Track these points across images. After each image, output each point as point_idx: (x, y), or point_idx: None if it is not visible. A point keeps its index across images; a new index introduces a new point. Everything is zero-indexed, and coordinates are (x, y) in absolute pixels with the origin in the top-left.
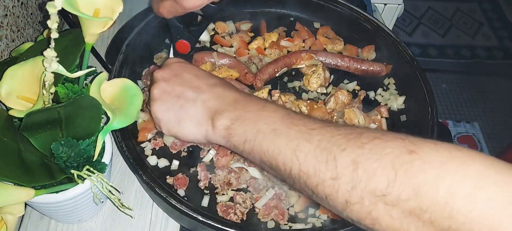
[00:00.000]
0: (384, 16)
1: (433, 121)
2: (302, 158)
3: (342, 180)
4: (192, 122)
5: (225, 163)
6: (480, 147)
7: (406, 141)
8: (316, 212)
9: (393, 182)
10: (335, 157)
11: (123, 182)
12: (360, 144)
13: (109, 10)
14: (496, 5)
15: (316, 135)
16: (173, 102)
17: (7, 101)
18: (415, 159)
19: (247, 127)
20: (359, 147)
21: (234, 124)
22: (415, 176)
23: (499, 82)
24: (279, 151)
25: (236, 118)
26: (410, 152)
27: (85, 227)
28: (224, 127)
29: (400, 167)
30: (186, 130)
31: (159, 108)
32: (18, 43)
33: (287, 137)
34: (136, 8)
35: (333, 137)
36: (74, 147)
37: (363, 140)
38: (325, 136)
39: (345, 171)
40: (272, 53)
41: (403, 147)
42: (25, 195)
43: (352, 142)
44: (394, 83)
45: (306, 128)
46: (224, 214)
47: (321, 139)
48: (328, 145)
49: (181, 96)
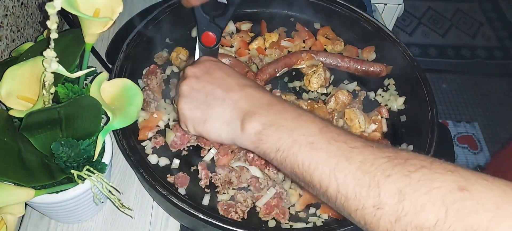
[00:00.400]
0: (384, 16)
1: (433, 121)
2: (341, 178)
3: (385, 210)
4: (219, 121)
5: (226, 161)
6: (480, 147)
7: (456, 174)
8: (317, 211)
9: (443, 220)
10: (378, 183)
11: (123, 182)
12: (407, 172)
13: (109, 10)
14: (496, 5)
15: (357, 155)
16: (202, 100)
17: (7, 101)
18: (467, 198)
19: (281, 134)
20: (405, 175)
21: (266, 129)
22: (467, 217)
23: (499, 82)
24: (316, 167)
25: (269, 123)
26: (461, 188)
27: (85, 227)
28: (255, 131)
29: (451, 205)
30: (212, 129)
31: (187, 106)
32: (18, 43)
33: (326, 153)
34: (136, 8)
35: (377, 159)
36: (74, 147)
37: (410, 168)
38: (368, 157)
39: (389, 200)
40: (273, 53)
41: (453, 182)
42: (25, 195)
43: (397, 169)
44: (394, 84)
45: (347, 145)
46: (225, 213)
47: (363, 161)
48: (371, 168)
49: (210, 94)
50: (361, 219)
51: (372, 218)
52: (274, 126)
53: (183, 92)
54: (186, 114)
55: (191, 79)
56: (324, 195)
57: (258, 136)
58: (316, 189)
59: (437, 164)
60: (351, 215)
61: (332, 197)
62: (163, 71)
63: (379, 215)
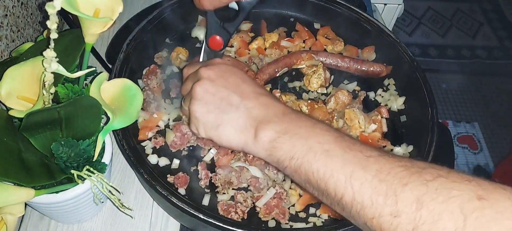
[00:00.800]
0: (384, 16)
1: (433, 121)
2: (357, 186)
3: (402, 219)
4: (232, 128)
5: (226, 162)
6: (480, 147)
7: (474, 182)
8: (317, 211)
9: (462, 229)
10: (395, 191)
11: (123, 182)
12: (424, 180)
13: (109, 10)
14: (496, 5)
15: (373, 163)
16: (216, 104)
17: (7, 102)
18: (486, 207)
19: (296, 142)
20: (422, 184)
21: (281, 137)
22: (486, 226)
23: (499, 82)
24: (331, 174)
25: (284, 131)
26: (479, 197)
27: (85, 227)
28: (268, 139)
29: (469, 214)
30: (224, 135)
31: (200, 109)
32: (18, 43)
33: (342, 161)
34: (136, 8)
35: (393, 168)
36: (74, 147)
37: (427, 176)
38: (384, 166)
39: (406, 209)
40: (273, 53)
41: (471, 191)
42: (25, 195)
43: (415, 177)
44: (394, 84)
45: (363, 154)
46: (225, 213)
47: (380, 169)
48: (387, 177)
49: (224, 100)
50: (377, 227)
51: (388, 227)
52: (289, 133)
53: (197, 94)
54: (198, 118)
55: (206, 81)
56: (339, 204)
57: (272, 144)
58: (330, 197)
59: (454, 174)
60: (367, 223)
61: (347, 205)
62: (163, 71)
63: (396, 224)
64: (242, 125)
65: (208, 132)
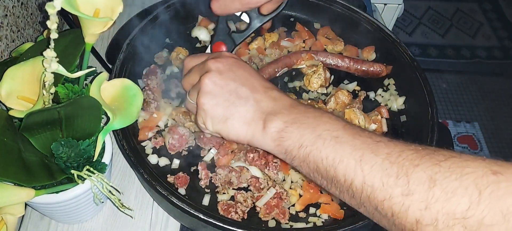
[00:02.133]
0: (384, 16)
1: (433, 121)
2: (367, 169)
3: (414, 197)
4: (240, 121)
5: (226, 162)
6: (480, 147)
7: (488, 160)
8: (317, 211)
9: (476, 204)
10: (407, 172)
11: (123, 182)
12: (436, 161)
13: (109, 10)
14: (496, 5)
15: (383, 148)
16: (225, 97)
17: (7, 102)
18: (502, 180)
19: (305, 130)
20: (435, 164)
21: (289, 126)
22: (502, 199)
23: (499, 82)
24: (341, 160)
25: (292, 121)
26: (494, 172)
27: (85, 227)
28: (276, 129)
29: (484, 188)
30: (232, 128)
31: (209, 102)
32: (18, 43)
33: (351, 146)
34: (136, 8)
35: (403, 151)
36: (74, 147)
37: (439, 157)
38: (394, 149)
39: (418, 188)
40: (273, 53)
41: (485, 167)
42: (25, 195)
43: (426, 159)
44: (394, 84)
45: (372, 139)
46: (225, 213)
47: (390, 152)
48: (398, 159)
49: (233, 93)
50: (388, 210)
51: (400, 208)
52: (297, 123)
53: (205, 86)
54: (207, 110)
55: (214, 73)
56: (349, 190)
57: (280, 134)
58: (340, 183)
59: (467, 155)
60: (378, 207)
61: (357, 189)
62: (163, 71)
63: (408, 204)
64: (250, 118)
65: (215, 126)
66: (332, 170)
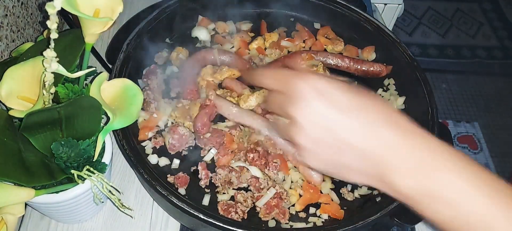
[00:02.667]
0: (384, 16)
1: (433, 121)
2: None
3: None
4: (356, 174)
5: (226, 162)
6: (480, 147)
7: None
8: (317, 211)
9: None
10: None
11: (123, 182)
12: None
13: (109, 10)
14: (496, 5)
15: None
16: (330, 153)
17: (7, 102)
18: None
19: (443, 209)
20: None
21: (418, 196)
22: None
23: (499, 82)
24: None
25: (420, 191)
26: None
27: (85, 227)
28: (405, 196)
29: None
30: (348, 177)
31: (314, 161)
32: (18, 43)
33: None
34: (136, 8)
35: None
36: (74, 147)
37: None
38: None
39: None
40: (273, 53)
41: None
42: (25, 195)
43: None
44: (394, 84)
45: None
46: (225, 213)
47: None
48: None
49: (337, 151)
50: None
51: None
52: (429, 196)
53: (303, 146)
54: (315, 167)
55: (307, 127)
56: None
57: (412, 200)
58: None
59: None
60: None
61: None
62: (163, 71)
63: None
64: (367, 174)
65: (332, 174)
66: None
